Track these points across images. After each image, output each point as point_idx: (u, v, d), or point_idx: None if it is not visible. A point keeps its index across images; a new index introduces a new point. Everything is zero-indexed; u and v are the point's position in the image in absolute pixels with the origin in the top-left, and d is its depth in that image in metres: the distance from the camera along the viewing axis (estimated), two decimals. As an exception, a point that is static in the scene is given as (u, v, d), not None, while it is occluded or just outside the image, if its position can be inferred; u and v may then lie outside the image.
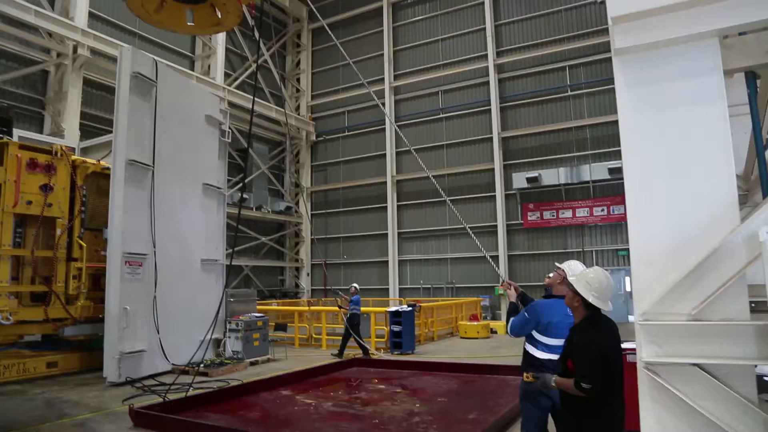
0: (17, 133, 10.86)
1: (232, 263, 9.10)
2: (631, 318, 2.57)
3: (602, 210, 19.91)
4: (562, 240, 20.79)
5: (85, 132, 16.63)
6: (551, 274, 4.39)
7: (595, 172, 19.80)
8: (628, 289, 18.40)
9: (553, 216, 20.89)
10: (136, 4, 6.21)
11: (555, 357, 3.73)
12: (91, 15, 17.62)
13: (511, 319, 4.26)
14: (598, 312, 3.22)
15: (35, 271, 8.03)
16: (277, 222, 26.30)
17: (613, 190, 19.65)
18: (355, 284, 13.91)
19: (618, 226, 19.54)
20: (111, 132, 9.87)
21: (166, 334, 9.92)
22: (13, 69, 16.21)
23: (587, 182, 20.21)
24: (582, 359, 3.09)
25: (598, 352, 3.04)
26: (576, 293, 3.23)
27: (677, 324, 2.48)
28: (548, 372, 3.51)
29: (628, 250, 2.58)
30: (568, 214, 20.57)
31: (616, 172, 18.69)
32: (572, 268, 4.03)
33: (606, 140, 20.06)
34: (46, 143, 9.76)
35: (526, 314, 4.14)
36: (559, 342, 3.76)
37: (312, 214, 27.32)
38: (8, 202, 7.26)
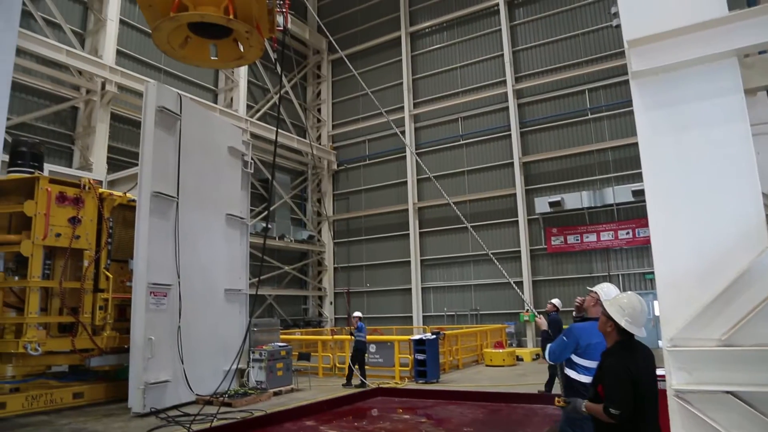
0: (48, 167, 11.16)
1: (257, 293, 9.15)
2: (660, 343, 2.53)
3: (627, 233, 19.61)
4: (587, 264, 20.48)
5: (112, 165, 17.02)
6: (579, 298, 4.36)
7: (619, 194, 19.57)
8: (656, 313, 17.97)
9: (577, 240, 20.64)
10: (162, 39, 6.37)
11: None
12: (118, 53, 18.17)
13: (549, 345, 4.22)
14: (632, 337, 3.15)
15: (63, 303, 8.14)
16: (299, 251, 26.42)
17: (637, 212, 19.38)
18: (357, 313, 13.98)
19: (644, 249, 19.20)
20: (137, 165, 10.08)
21: (190, 364, 9.95)
22: (44, 106, 16.75)
23: (611, 205, 19.97)
24: (611, 384, 3.03)
25: (628, 378, 2.97)
26: (609, 318, 3.17)
27: (707, 350, 2.40)
28: (586, 395, 3.45)
29: (654, 273, 2.52)
30: (593, 238, 20.30)
31: (640, 194, 18.45)
32: (606, 291, 3.99)
33: (629, 162, 19.87)
34: (74, 177, 10.00)
35: (564, 338, 4.10)
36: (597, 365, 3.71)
37: (334, 243, 27.39)
38: (38, 234, 7.40)
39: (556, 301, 11.31)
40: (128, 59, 19.28)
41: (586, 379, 3.88)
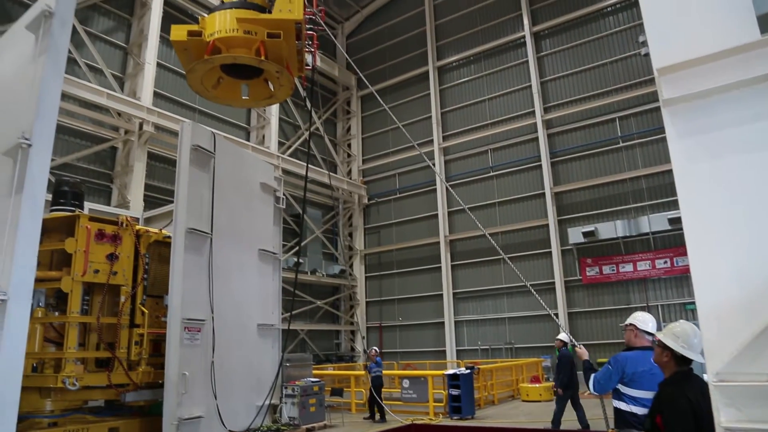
0: (88, 205, 11.51)
1: (289, 328, 9.16)
2: (706, 377, 2.45)
3: (665, 262, 19.09)
4: (625, 295, 19.97)
5: (149, 202, 17.47)
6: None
7: (655, 223, 19.14)
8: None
9: (613, 270, 20.17)
10: (196, 81, 6.60)
11: (644, 410, 3.56)
12: (155, 94, 18.83)
13: (593, 375, 4.12)
14: (690, 368, 3.06)
15: (100, 338, 8.26)
16: (331, 285, 26.44)
17: (674, 241, 18.91)
18: (375, 347, 14.00)
19: (684, 278, 18.65)
20: (172, 202, 10.31)
21: (223, 400, 9.94)
22: (86, 147, 17.38)
23: (647, 234, 19.54)
24: (672, 415, 2.92)
25: (688, 408, 2.86)
26: (665, 347, 3.09)
27: (758, 386, 2.29)
28: (637, 426, 3.35)
29: (695, 303, 2.45)
30: (629, 268, 19.82)
31: (677, 222, 18.03)
32: (641, 319, 3.93)
33: (663, 190, 19.49)
34: (113, 214, 10.27)
35: (609, 366, 4.01)
36: (646, 394, 3.61)
37: (366, 277, 27.36)
38: (78, 270, 7.57)
39: (563, 336, 11.10)
40: (165, 100, 19.95)
41: (636, 409, 3.77)
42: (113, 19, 19.18)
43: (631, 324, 4.08)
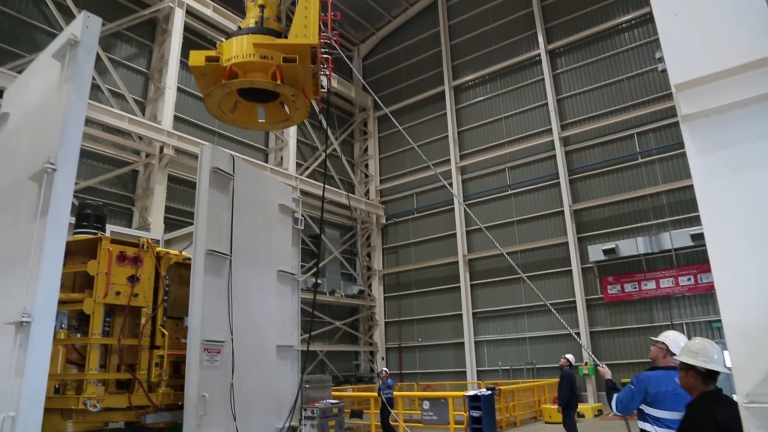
0: (110, 228, 11.66)
1: (308, 349, 9.15)
2: (735, 397, 2.38)
3: (688, 279, 18.75)
4: (648, 314, 19.61)
5: (169, 224, 17.67)
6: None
7: (677, 239, 18.85)
8: (728, 365, 16.93)
9: (635, 288, 19.86)
10: (213, 105, 6.73)
11: None
12: (175, 118, 19.16)
13: (616, 394, 4.04)
14: (718, 389, 2.99)
15: (121, 359, 8.31)
16: (350, 306, 26.39)
17: (698, 257, 18.59)
18: (385, 368, 13.96)
19: (708, 295, 18.29)
20: (192, 224, 10.41)
21: (242, 422, 9.90)
22: (108, 170, 17.70)
23: (669, 251, 19.25)
24: None
25: (716, 429, 2.79)
26: (687, 367, 3.02)
27: (790, 406, 2.23)
28: None
29: (721, 321, 2.40)
30: (652, 285, 19.50)
31: (699, 238, 17.73)
32: (673, 339, 3.86)
33: (685, 206, 19.23)
34: (134, 237, 10.38)
35: (632, 386, 3.93)
36: (670, 415, 3.53)
37: (385, 297, 27.26)
38: (99, 292, 7.66)
39: (569, 356, 11.70)
40: (185, 124, 20.29)
41: (661, 431, 3.68)
42: (135, 45, 19.65)
43: (662, 342, 4.00)
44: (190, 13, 20.42)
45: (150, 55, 20.09)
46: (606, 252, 20.08)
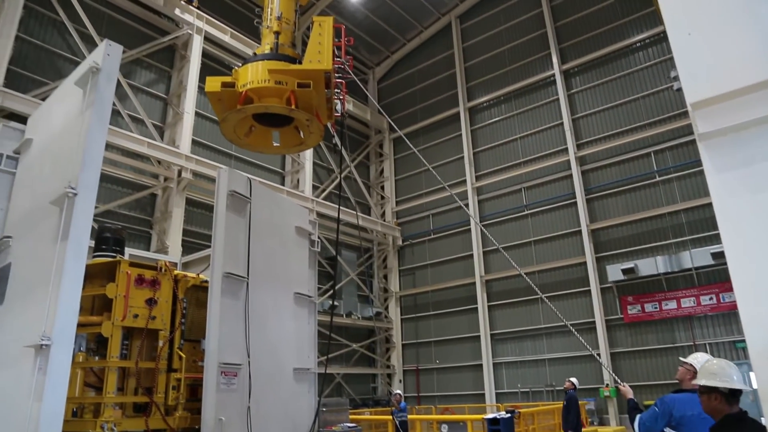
0: (128, 251, 11.77)
1: (325, 371, 9.10)
2: (763, 420, 2.31)
3: (710, 298, 18.40)
4: (670, 334, 19.25)
5: (186, 247, 17.82)
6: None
7: (697, 258, 18.56)
8: (754, 385, 16.52)
9: (656, 308, 19.52)
10: (229, 129, 6.84)
11: None
12: (193, 142, 19.46)
13: (639, 415, 3.96)
14: (743, 411, 2.92)
15: (138, 383, 8.32)
16: (367, 328, 26.26)
17: (719, 276, 18.26)
18: (398, 391, 13.86)
19: (732, 315, 17.92)
20: (209, 246, 10.49)
21: (259, 446, 9.82)
22: (127, 194, 17.96)
23: (689, 270, 18.94)
24: None
25: None
26: (707, 390, 2.96)
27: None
28: None
29: (745, 341, 2.35)
30: (673, 305, 19.16)
31: (720, 256, 17.43)
32: (701, 361, 3.77)
33: (704, 224, 18.97)
34: (152, 260, 10.47)
35: (656, 408, 3.84)
36: None
37: (402, 319, 27.11)
38: (118, 315, 7.72)
39: (573, 379, 11.98)
40: (202, 147, 20.58)
41: None
42: (155, 72, 20.07)
43: (690, 364, 3.92)
44: (208, 39, 20.86)
45: (169, 81, 20.49)
46: (625, 272, 19.81)
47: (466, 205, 25.19)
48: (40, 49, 16.87)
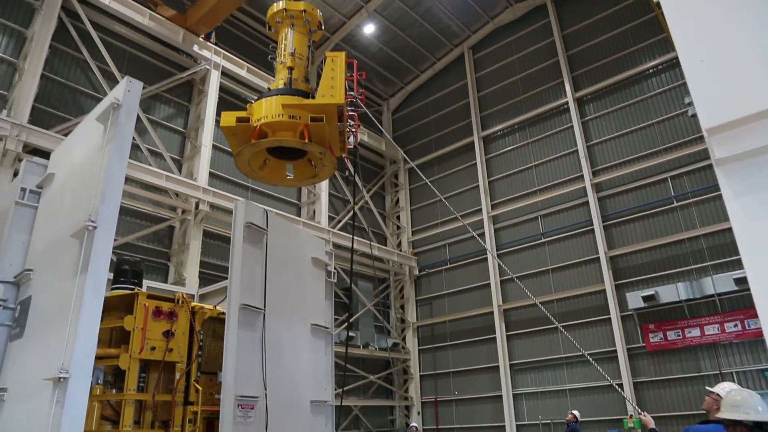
0: (146, 283, 11.86)
1: (342, 404, 9.00)
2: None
3: (735, 325, 17.96)
4: (694, 362, 18.78)
5: (203, 279, 17.90)
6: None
7: (719, 284, 18.17)
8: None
9: (679, 336, 19.09)
10: (243, 163, 6.95)
11: None
12: (210, 174, 19.71)
13: None
14: None
15: (155, 416, 8.30)
16: (384, 359, 25.98)
17: (744, 302, 17.85)
18: (415, 424, 13.63)
19: (758, 342, 17.44)
20: (226, 278, 10.54)
21: (276, 481, 9.68)
22: (145, 227, 18.17)
23: (712, 296, 18.55)
24: None
25: None
26: (733, 423, 2.88)
27: None
28: None
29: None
30: (696, 332, 18.72)
31: (743, 282, 17.06)
32: (726, 389, 3.67)
33: (726, 249, 18.64)
34: (169, 292, 10.52)
35: None
36: None
37: (419, 350, 26.82)
38: (135, 348, 7.75)
39: (575, 412, 12.59)
40: (219, 180, 20.84)
41: None
42: (173, 106, 20.48)
43: (716, 393, 3.82)
44: (225, 74, 21.32)
45: (187, 115, 20.89)
46: (645, 299, 19.47)
47: (482, 234, 25.10)
48: (63, 87, 17.34)
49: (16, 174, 11.93)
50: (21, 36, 16.62)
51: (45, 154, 7.97)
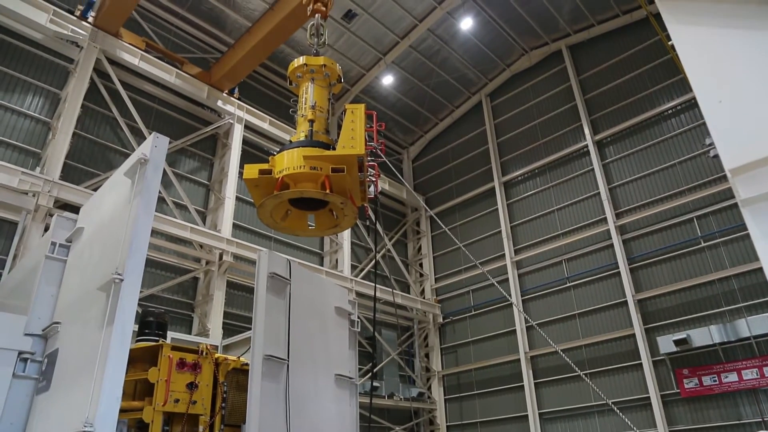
0: (170, 334, 11.89)
1: (366, 456, 8.78)
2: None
3: (775, 370, 17.25)
4: (734, 409, 17.96)
5: (227, 330, 17.89)
6: None
7: (755, 325, 17.54)
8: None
9: (715, 381, 18.35)
10: (266, 214, 7.05)
11: None
12: (234, 226, 19.96)
13: None
14: None
15: (179, 472, 8.16)
16: (409, 410, 25.40)
17: (782, 345, 17.21)
18: None
19: (801, 388, 16.71)
20: (249, 329, 10.52)
21: None
22: (170, 278, 18.34)
23: (748, 338, 17.88)
24: None
25: None
26: None
27: None
28: None
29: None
30: (733, 377, 17.97)
31: (781, 324, 16.53)
32: None
33: (759, 289, 18.08)
34: (193, 343, 10.53)
35: None
36: None
37: (446, 399, 26.19)
38: (159, 400, 7.71)
39: None
40: (243, 231, 21.07)
41: None
42: (198, 160, 20.97)
43: None
44: (248, 127, 21.86)
45: (211, 168, 21.35)
46: (677, 343, 18.85)
47: (506, 280, 24.81)
48: (93, 143, 17.93)
49: (47, 229, 12.21)
50: (56, 97, 17.35)
51: (75, 209, 8.19)
